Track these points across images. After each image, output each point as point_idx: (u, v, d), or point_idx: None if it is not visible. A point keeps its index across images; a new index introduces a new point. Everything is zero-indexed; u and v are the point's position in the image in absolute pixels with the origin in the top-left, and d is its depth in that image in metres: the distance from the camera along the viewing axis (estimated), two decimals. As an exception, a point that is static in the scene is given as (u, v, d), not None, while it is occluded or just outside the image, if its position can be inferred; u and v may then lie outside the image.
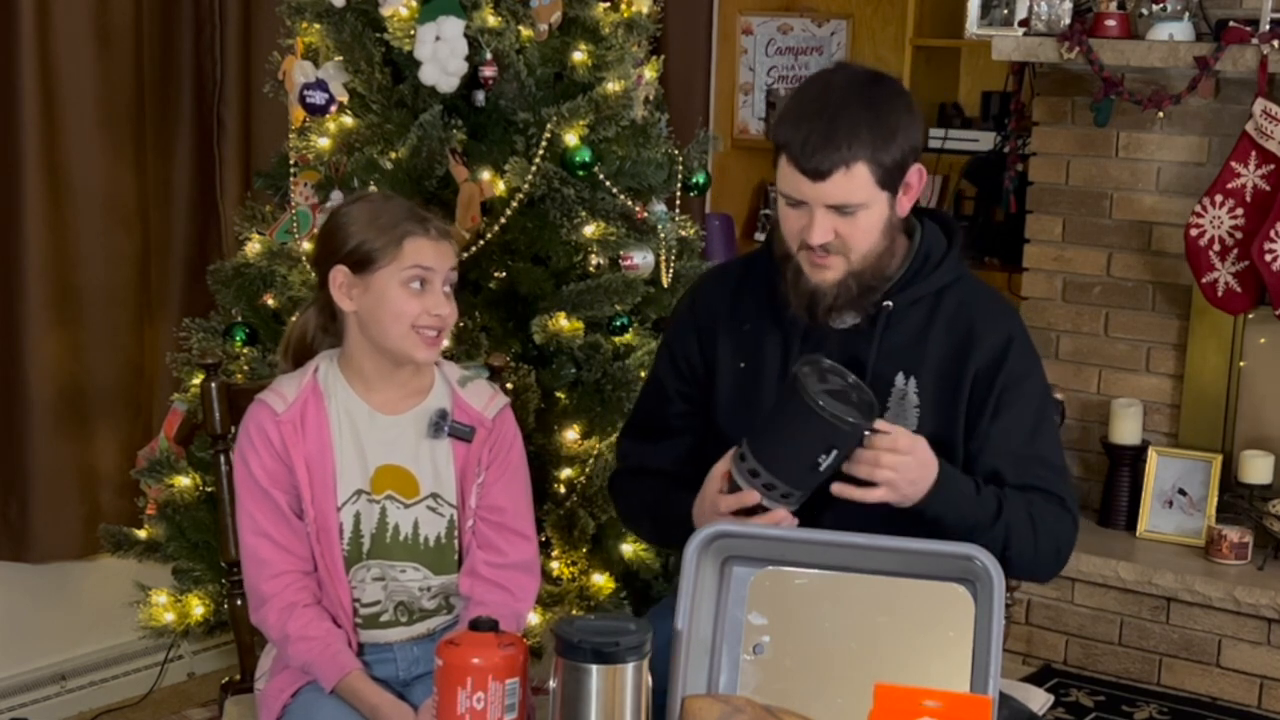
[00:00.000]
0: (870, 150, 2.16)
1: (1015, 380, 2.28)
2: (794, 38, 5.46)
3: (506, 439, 2.46)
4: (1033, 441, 2.28)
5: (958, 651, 2.01)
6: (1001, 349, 2.28)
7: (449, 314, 2.37)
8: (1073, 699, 4.04)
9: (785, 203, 2.23)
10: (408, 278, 2.33)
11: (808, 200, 2.18)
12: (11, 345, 3.54)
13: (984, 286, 2.39)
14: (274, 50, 3.33)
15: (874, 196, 2.19)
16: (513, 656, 1.92)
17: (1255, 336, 4.23)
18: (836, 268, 2.22)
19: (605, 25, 3.18)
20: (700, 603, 2.08)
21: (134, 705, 3.81)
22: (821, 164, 2.15)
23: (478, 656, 1.90)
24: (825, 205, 2.18)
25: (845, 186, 2.16)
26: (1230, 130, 4.08)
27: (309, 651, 2.33)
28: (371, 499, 2.38)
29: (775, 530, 2.10)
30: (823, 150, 2.15)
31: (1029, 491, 2.25)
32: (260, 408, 2.39)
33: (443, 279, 2.36)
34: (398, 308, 2.34)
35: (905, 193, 2.25)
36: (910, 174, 2.23)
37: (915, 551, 2.04)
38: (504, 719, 1.91)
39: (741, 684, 2.09)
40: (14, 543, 3.60)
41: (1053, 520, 2.26)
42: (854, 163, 2.15)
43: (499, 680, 1.90)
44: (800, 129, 2.17)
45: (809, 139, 2.16)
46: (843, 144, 2.14)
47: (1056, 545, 2.28)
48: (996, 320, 2.31)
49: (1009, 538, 2.21)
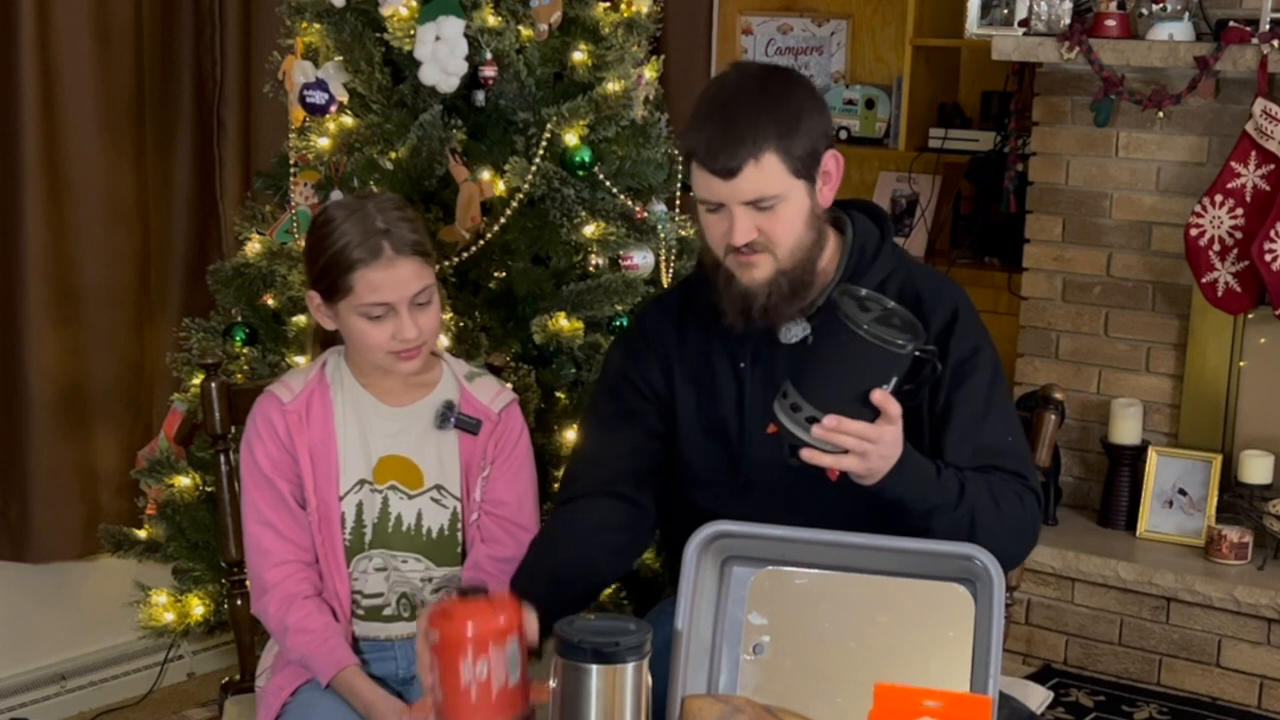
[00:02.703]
0: (775, 139, 2.13)
1: (963, 358, 2.24)
2: (794, 38, 5.46)
3: (513, 433, 2.46)
4: (986, 418, 2.24)
5: (958, 651, 2.01)
6: (946, 325, 2.25)
7: (420, 331, 2.33)
8: (1073, 699, 4.04)
9: (705, 210, 2.20)
10: (364, 312, 2.32)
11: (724, 201, 2.16)
12: (11, 345, 3.54)
13: (924, 268, 2.37)
14: (274, 50, 3.33)
15: (789, 186, 2.16)
16: (508, 618, 1.89)
17: (1255, 336, 4.23)
18: (764, 266, 2.19)
19: (605, 25, 3.18)
20: (700, 603, 2.08)
21: (134, 705, 3.82)
22: (729, 161, 2.13)
23: (474, 624, 1.87)
24: (742, 203, 2.15)
25: (757, 179, 2.14)
26: (1230, 130, 4.08)
27: (307, 644, 2.34)
28: (374, 489, 2.39)
29: (775, 530, 2.10)
30: (728, 147, 2.13)
31: (988, 473, 2.20)
32: (268, 398, 2.41)
33: (407, 301, 2.32)
34: (364, 340, 2.34)
35: (825, 182, 2.22)
36: (826, 161, 2.20)
37: (915, 551, 2.04)
38: (509, 681, 1.89)
39: (741, 684, 2.09)
40: (14, 543, 3.60)
41: (1015, 499, 2.20)
42: (761, 154, 2.13)
43: (499, 645, 1.88)
44: (703, 131, 2.16)
45: (712, 139, 2.14)
46: (746, 137, 2.13)
47: (1021, 526, 2.22)
48: (940, 297, 2.28)
49: (975, 521, 2.15)
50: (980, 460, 2.21)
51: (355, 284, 2.30)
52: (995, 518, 2.17)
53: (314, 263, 2.36)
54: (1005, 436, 2.26)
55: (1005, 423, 2.27)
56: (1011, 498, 2.20)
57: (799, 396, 2.02)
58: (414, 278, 2.33)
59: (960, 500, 2.15)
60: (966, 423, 2.23)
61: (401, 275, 2.31)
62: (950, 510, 2.14)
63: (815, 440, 2.01)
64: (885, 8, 5.34)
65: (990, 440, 2.23)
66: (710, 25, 5.28)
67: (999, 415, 2.26)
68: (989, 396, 2.25)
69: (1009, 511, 2.19)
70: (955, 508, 2.14)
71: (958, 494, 2.15)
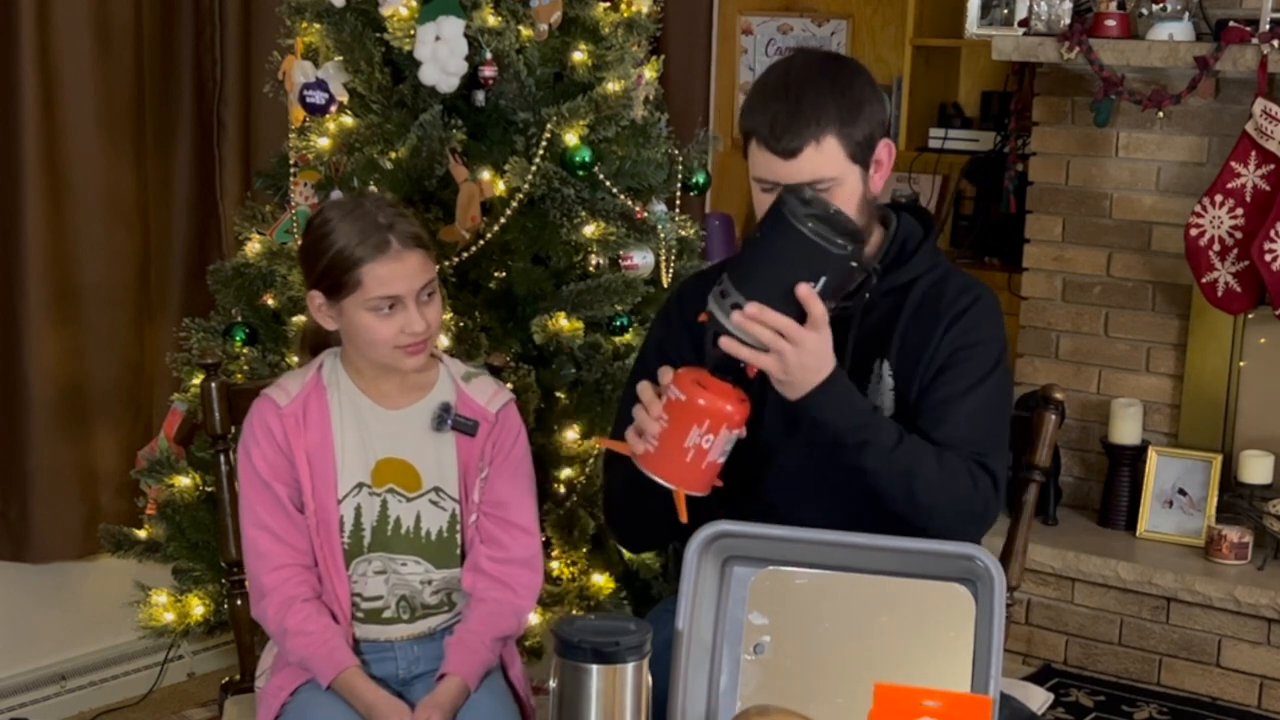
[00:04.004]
0: (838, 124, 2.16)
1: (965, 344, 2.24)
2: (794, 38, 5.47)
3: (510, 434, 2.46)
4: (964, 399, 2.22)
5: (958, 651, 2.01)
6: (960, 312, 2.26)
7: (428, 325, 2.34)
8: (1073, 699, 4.04)
9: (760, 189, 2.21)
10: (373, 306, 2.32)
11: (782, 181, 2.17)
12: (11, 345, 3.54)
13: (962, 273, 2.37)
14: (274, 50, 3.33)
15: (846, 170, 2.18)
16: (739, 412, 2.04)
17: (1255, 336, 4.23)
18: None
19: (605, 25, 3.19)
20: (701, 603, 2.08)
21: (134, 705, 3.82)
22: (791, 142, 2.15)
23: (728, 404, 2.02)
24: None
25: (817, 161, 2.16)
26: (1230, 130, 4.08)
27: (307, 646, 2.33)
28: (373, 492, 2.39)
29: (776, 530, 2.10)
30: (792, 128, 2.15)
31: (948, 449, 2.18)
32: (264, 401, 2.40)
33: (415, 295, 2.33)
34: (371, 335, 2.34)
35: (877, 170, 2.24)
36: (880, 150, 2.23)
37: (915, 551, 2.04)
38: (719, 462, 2.05)
39: (742, 684, 2.09)
40: (14, 543, 3.60)
41: (966, 475, 2.17)
42: (823, 137, 2.15)
43: (731, 429, 2.04)
44: (767, 111, 2.17)
45: (776, 119, 2.16)
46: (810, 119, 2.15)
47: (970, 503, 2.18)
48: (965, 290, 2.29)
49: (912, 476, 2.12)
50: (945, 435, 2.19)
51: (364, 279, 2.30)
52: (938, 483, 2.14)
53: (314, 263, 2.35)
54: (981, 420, 2.23)
55: (987, 410, 2.25)
56: (962, 473, 2.18)
57: (729, 285, 2.04)
58: (421, 270, 2.34)
59: (898, 446, 2.13)
60: (944, 398, 2.22)
61: (409, 267, 2.32)
62: (885, 452, 2.11)
63: (735, 328, 2.03)
64: (885, 8, 5.34)
65: (961, 418, 2.21)
66: (710, 25, 5.28)
67: (982, 401, 2.24)
68: (978, 383, 2.24)
69: (956, 484, 2.17)
70: (891, 451, 2.12)
71: (895, 439, 2.13)
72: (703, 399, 2.02)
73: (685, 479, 2.05)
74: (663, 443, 2.04)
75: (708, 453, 2.03)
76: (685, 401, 2.02)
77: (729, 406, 2.02)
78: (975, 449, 2.21)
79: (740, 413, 2.03)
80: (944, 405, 2.22)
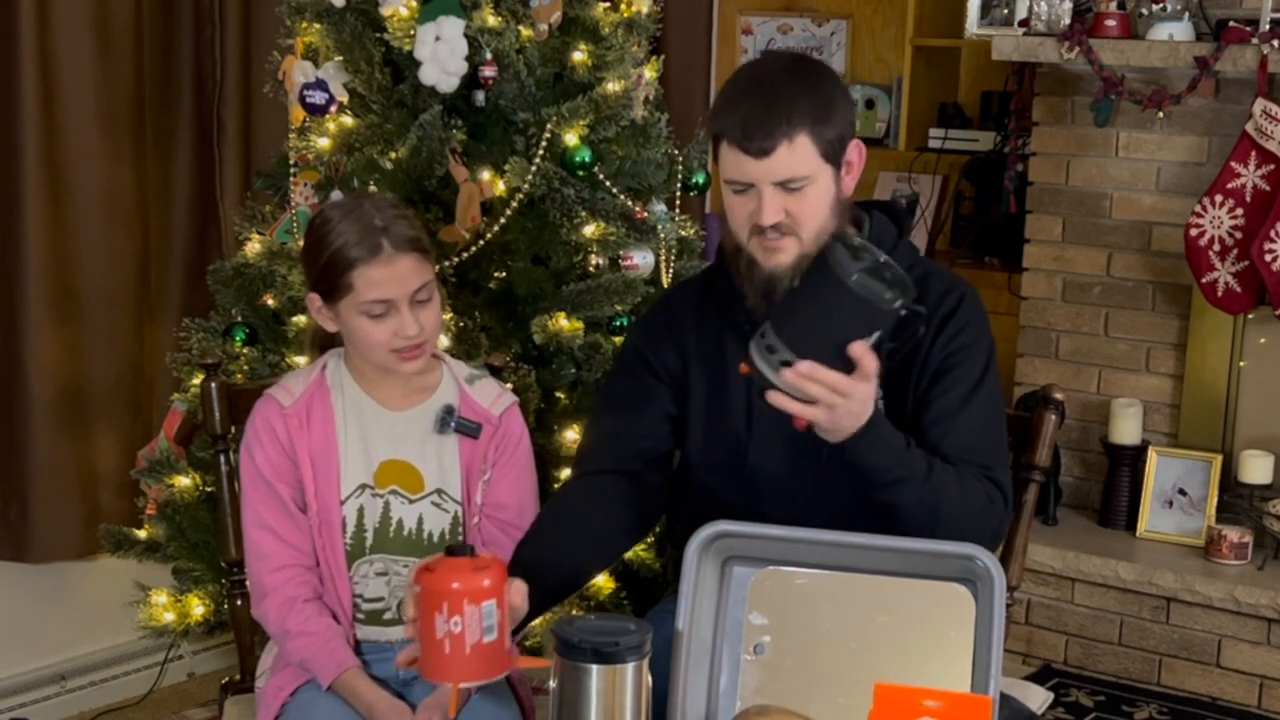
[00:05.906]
0: (811, 122, 2.15)
1: (957, 346, 2.25)
2: (794, 38, 5.46)
3: (513, 436, 2.46)
4: (966, 406, 2.23)
5: (958, 651, 2.01)
6: (948, 312, 2.26)
7: (422, 328, 2.33)
8: (1073, 699, 4.04)
9: (731, 191, 2.21)
10: (366, 310, 2.31)
11: (754, 181, 2.17)
12: (11, 345, 3.54)
13: (939, 268, 2.38)
14: (274, 50, 3.33)
15: (819, 169, 2.18)
16: (489, 580, 1.90)
17: (1255, 336, 4.23)
18: (789, 249, 2.19)
19: (605, 25, 3.19)
20: (700, 603, 2.08)
21: (134, 705, 3.82)
22: (765, 140, 2.14)
23: (455, 581, 1.88)
24: (772, 183, 2.16)
25: (790, 160, 2.15)
26: (1230, 130, 4.08)
27: (308, 647, 2.33)
28: (375, 493, 2.39)
29: (776, 530, 2.10)
30: (764, 126, 2.14)
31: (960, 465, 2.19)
32: (267, 402, 2.40)
33: (408, 298, 2.32)
34: (366, 338, 2.33)
35: (848, 171, 2.24)
36: (850, 151, 2.23)
37: (915, 551, 2.04)
38: (483, 640, 1.90)
39: (742, 684, 2.09)
40: (14, 543, 3.60)
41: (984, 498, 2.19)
42: (796, 135, 2.14)
43: (475, 604, 1.89)
44: (738, 111, 2.17)
45: (748, 118, 2.15)
46: (783, 117, 2.14)
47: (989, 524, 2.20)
48: (949, 289, 2.29)
49: (940, 506, 2.13)
50: (953, 447, 2.20)
51: (355, 282, 2.30)
52: (961, 509, 2.16)
53: (313, 265, 2.35)
54: (982, 430, 2.25)
55: (986, 416, 2.26)
56: (979, 494, 2.19)
57: (776, 338, 2.00)
58: (414, 274, 2.32)
59: (928, 478, 2.13)
60: (946, 408, 2.23)
61: (401, 271, 2.31)
62: (917, 486, 2.12)
63: (785, 385, 2.00)
64: (885, 8, 5.34)
65: (966, 429, 2.22)
66: (710, 25, 5.28)
67: (981, 408, 2.25)
68: (975, 388, 2.25)
69: (976, 504, 2.18)
70: (922, 484, 2.13)
71: (925, 471, 2.14)
72: (421, 583, 1.90)
73: (455, 671, 1.91)
74: (422, 642, 1.93)
75: (464, 636, 1.89)
76: (418, 592, 1.91)
77: (455, 584, 1.88)
78: (982, 460, 2.22)
79: (474, 581, 1.89)
80: (948, 418, 2.22)
